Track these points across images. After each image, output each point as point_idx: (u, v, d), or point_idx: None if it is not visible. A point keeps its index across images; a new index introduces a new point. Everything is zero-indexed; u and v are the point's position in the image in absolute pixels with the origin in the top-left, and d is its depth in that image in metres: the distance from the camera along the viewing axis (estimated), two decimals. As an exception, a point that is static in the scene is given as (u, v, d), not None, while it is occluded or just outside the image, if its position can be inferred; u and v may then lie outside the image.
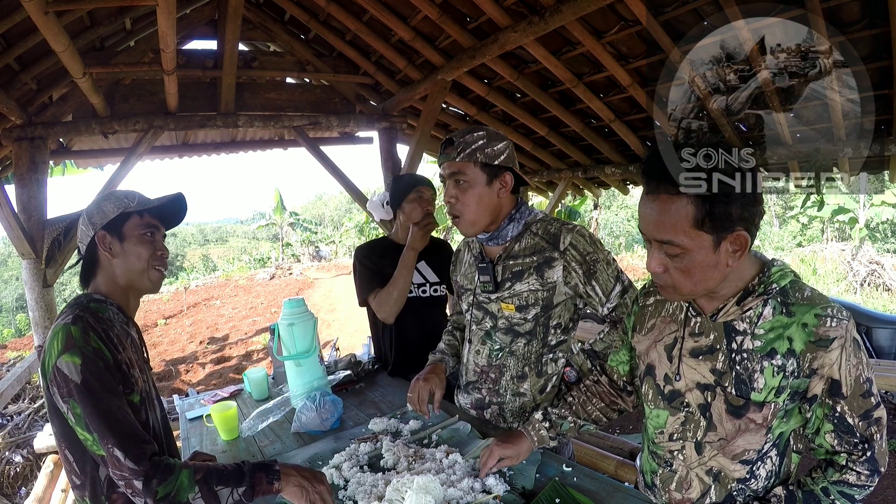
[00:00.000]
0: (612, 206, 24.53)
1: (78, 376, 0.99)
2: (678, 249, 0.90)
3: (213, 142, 4.65)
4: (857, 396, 0.90)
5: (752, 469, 0.98)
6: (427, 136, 3.80)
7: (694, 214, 0.87)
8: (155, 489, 0.97)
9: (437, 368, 1.58)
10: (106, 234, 1.18)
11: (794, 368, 0.91)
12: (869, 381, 0.91)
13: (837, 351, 0.89)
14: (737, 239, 0.89)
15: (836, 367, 0.89)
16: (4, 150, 3.41)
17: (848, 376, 0.89)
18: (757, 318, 0.95)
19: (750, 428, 0.96)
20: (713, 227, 0.88)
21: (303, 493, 1.06)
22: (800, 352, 0.91)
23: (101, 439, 0.98)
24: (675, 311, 1.08)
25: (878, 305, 8.70)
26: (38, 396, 4.46)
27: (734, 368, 0.96)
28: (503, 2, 2.63)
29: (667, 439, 1.07)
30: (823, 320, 0.89)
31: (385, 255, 2.07)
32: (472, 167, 1.39)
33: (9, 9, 2.39)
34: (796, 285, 0.95)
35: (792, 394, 0.93)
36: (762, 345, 0.94)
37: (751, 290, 0.95)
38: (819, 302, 0.91)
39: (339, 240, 25.79)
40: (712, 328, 0.99)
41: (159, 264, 1.23)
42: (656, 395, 1.09)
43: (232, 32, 3.05)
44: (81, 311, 1.08)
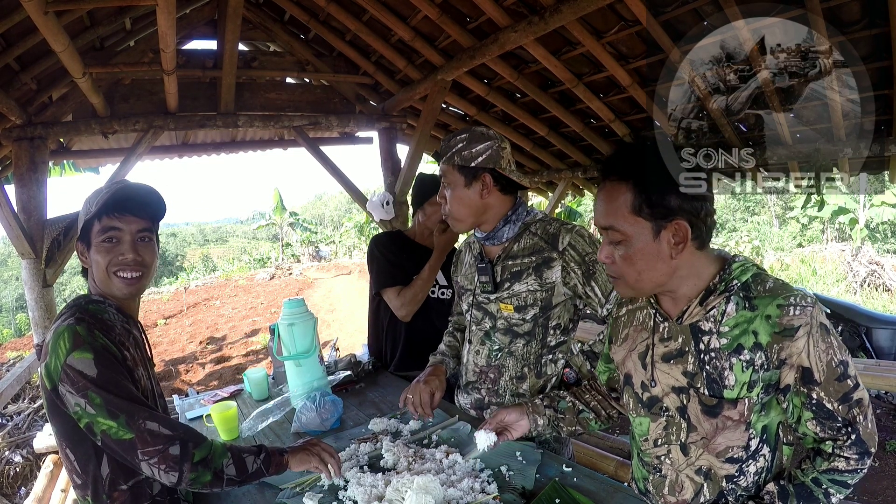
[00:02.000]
0: (612, 206, 24.46)
1: (93, 369, 1.00)
2: (619, 236, 0.94)
3: (213, 142, 4.65)
4: (832, 381, 0.89)
5: (742, 467, 0.98)
6: (427, 136, 3.80)
7: (632, 200, 0.92)
8: (192, 451, 1.00)
9: (438, 370, 1.58)
10: (78, 244, 1.16)
11: (763, 361, 0.91)
12: (843, 364, 0.90)
13: (804, 339, 0.88)
14: (677, 230, 0.91)
15: (805, 354, 0.89)
16: (4, 150, 3.41)
17: (819, 362, 0.89)
18: (721, 316, 0.95)
19: (728, 425, 0.96)
20: (651, 215, 0.91)
21: (308, 456, 1.16)
22: (766, 344, 0.91)
23: (131, 418, 0.98)
24: (644, 318, 1.09)
25: (878, 306, 8.70)
26: (38, 396, 4.46)
27: (704, 369, 0.97)
28: (503, 2, 2.63)
29: (652, 445, 1.07)
30: (786, 310, 0.89)
31: (404, 249, 2.08)
32: (451, 170, 1.43)
33: (9, 9, 2.39)
34: (758, 278, 0.94)
35: (765, 387, 0.93)
36: (728, 342, 0.94)
37: (712, 288, 0.96)
38: (781, 292, 0.91)
39: (339, 240, 25.79)
40: (679, 331, 1.00)
41: (121, 271, 1.13)
42: (636, 404, 1.09)
43: (232, 32, 3.05)
44: (81, 314, 1.07)
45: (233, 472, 1.05)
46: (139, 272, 1.16)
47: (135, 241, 1.15)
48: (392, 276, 2.01)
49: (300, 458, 1.16)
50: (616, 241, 0.95)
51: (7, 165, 3.94)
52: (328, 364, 2.10)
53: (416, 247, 2.10)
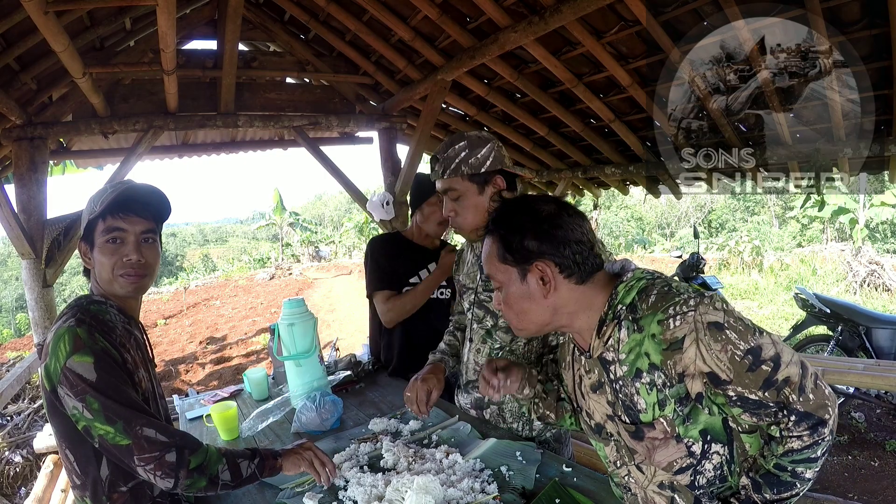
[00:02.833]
0: (611, 206, 24.52)
1: (93, 374, 0.99)
2: (497, 282, 1.01)
3: (213, 142, 4.64)
4: (744, 374, 0.85)
5: (696, 470, 0.95)
6: (427, 136, 3.80)
7: (497, 251, 0.99)
8: (188, 458, 1.00)
9: (437, 368, 1.58)
10: (82, 244, 1.15)
11: (664, 379, 0.90)
12: (750, 353, 0.85)
13: (693, 347, 0.86)
14: (542, 271, 0.95)
15: (700, 361, 0.86)
16: (4, 150, 3.41)
17: (719, 363, 0.85)
18: (617, 344, 0.95)
19: (657, 445, 0.95)
20: (514, 260, 0.97)
21: (299, 459, 1.17)
22: (660, 363, 0.89)
23: (128, 424, 0.98)
24: (571, 350, 1.11)
25: (878, 305, 8.69)
26: (38, 396, 4.46)
27: (619, 397, 0.97)
28: (503, 2, 2.63)
29: (615, 467, 1.08)
30: (666, 324, 0.87)
31: (400, 252, 2.08)
32: (460, 181, 1.40)
33: (9, 9, 2.39)
34: (643, 294, 0.92)
35: (678, 400, 0.91)
36: (628, 369, 0.93)
37: (603, 318, 0.97)
38: (661, 304, 0.89)
39: (339, 240, 25.78)
40: (594, 364, 1.01)
41: (124, 272, 1.13)
42: (589, 429, 1.10)
43: (232, 32, 3.05)
44: (82, 315, 1.07)
45: (228, 478, 1.06)
46: (143, 273, 1.15)
47: (138, 242, 1.14)
48: (382, 280, 2.03)
49: (293, 461, 1.16)
50: (497, 287, 1.02)
51: (7, 165, 3.94)
52: (328, 364, 2.10)
53: (413, 248, 2.09)
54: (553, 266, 0.95)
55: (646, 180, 4.36)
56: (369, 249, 2.09)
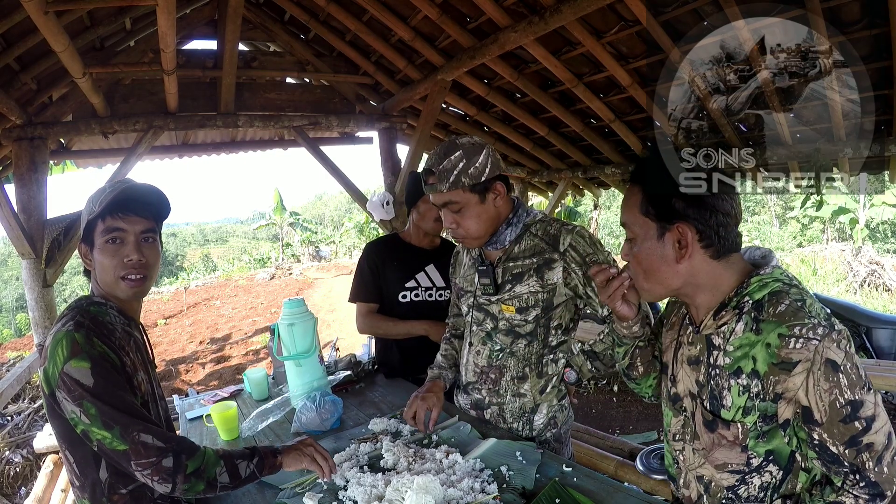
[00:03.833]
0: (612, 206, 24.50)
1: (90, 379, 0.99)
2: (631, 234, 0.98)
3: (213, 142, 4.65)
4: (836, 423, 0.82)
5: (744, 477, 0.94)
6: (427, 136, 3.80)
7: (639, 202, 0.96)
8: (185, 463, 1.00)
9: (436, 386, 1.56)
10: (82, 245, 1.14)
11: (759, 390, 0.87)
12: (851, 405, 0.81)
13: (802, 375, 0.82)
14: (682, 234, 0.91)
15: (803, 392, 0.82)
16: (4, 150, 3.41)
17: (819, 401, 0.82)
18: (730, 334, 0.92)
19: (723, 444, 0.94)
20: (656, 216, 0.93)
21: (300, 455, 1.17)
22: (763, 374, 0.86)
23: (125, 430, 0.98)
24: (680, 315, 1.08)
25: (878, 305, 8.69)
26: (38, 396, 4.46)
27: (710, 383, 0.95)
28: (503, 2, 2.63)
29: (672, 438, 1.08)
30: (787, 341, 0.83)
31: (394, 255, 2.07)
32: (461, 193, 1.36)
33: (9, 9, 2.39)
34: (774, 298, 0.88)
35: (763, 416, 0.89)
36: (730, 362, 0.91)
37: (726, 303, 0.94)
38: (788, 319, 0.84)
39: (340, 240, 25.78)
40: (699, 339, 0.99)
41: (126, 273, 1.11)
42: (666, 394, 1.10)
43: (232, 32, 3.06)
44: (82, 317, 1.06)
45: (226, 480, 1.05)
46: (143, 274, 1.14)
47: (138, 242, 1.13)
48: (362, 292, 2.06)
49: (293, 458, 1.16)
50: (630, 238, 0.99)
51: (7, 165, 3.93)
52: (328, 364, 2.10)
53: (411, 250, 2.07)
54: (694, 232, 0.91)
55: (646, 180, 4.36)
56: (362, 256, 2.11)
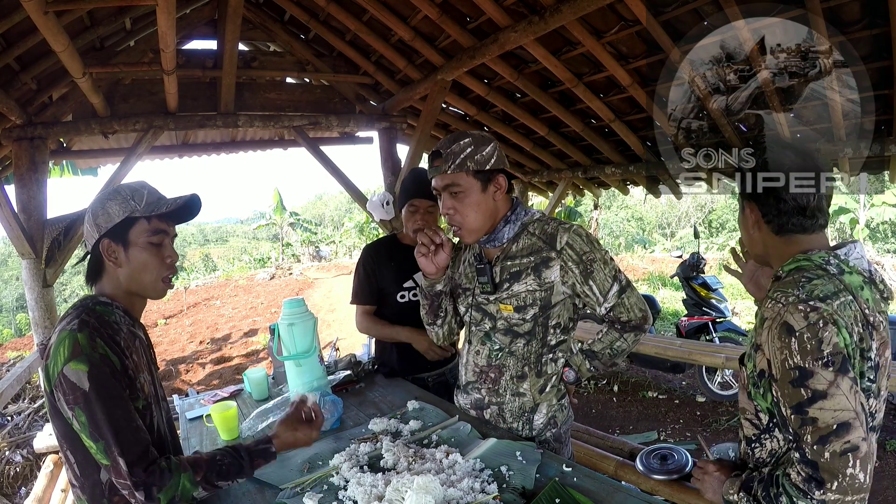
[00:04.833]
0: (612, 206, 24.51)
1: (86, 384, 0.99)
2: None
3: (213, 142, 4.65)
4: (787, 383, 0.88)
5: (759, 436, 1.01)
6: (427, 136, 3.80)
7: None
8: (157, 496, 1.00)
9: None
10: (110, 243, 1.12)
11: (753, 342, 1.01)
12: (800, 370, 0.85)
13: (766, 331, 0.93)
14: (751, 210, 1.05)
15: (766, 346, 0.93)
16: (4, 150, 3.41)
17: (774, 358, 0.91)
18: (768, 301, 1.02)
19: (740, 384, 1.06)
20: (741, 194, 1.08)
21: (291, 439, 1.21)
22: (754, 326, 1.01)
23: (108, 447, 0.99)
24: None
25: (878, 305, 8.68)
26: (38, 396, 4.46)
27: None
28: (503, 2, 2.62)
29: None
30: (766, 302, 0.95)
31: (392, 256, 2.08)
32: (464, 176, 1.38)
33: (9, 9, 2.39)
34: (793, 273, 0.97)
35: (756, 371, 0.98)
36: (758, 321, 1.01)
37: (776, 275, 1.04)
38: (779, 287, 0.95)
39: (340, 240, 25.76)
40: None
41: (169, 273, 1.17)
42: None
43: (232, 32, 3.05)
44: (87, 316, 1.06)
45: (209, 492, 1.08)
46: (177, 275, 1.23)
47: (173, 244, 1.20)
48: (361, 294, 2.12)
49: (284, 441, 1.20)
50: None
51: (7, 165, 3.93)
52: (328, 364, 2.10)
53: (408, 250, 2.06)
54: (757, 210, 1.03)
55: (646, 180, 4.36)
56: (360, 258, 2.14)
